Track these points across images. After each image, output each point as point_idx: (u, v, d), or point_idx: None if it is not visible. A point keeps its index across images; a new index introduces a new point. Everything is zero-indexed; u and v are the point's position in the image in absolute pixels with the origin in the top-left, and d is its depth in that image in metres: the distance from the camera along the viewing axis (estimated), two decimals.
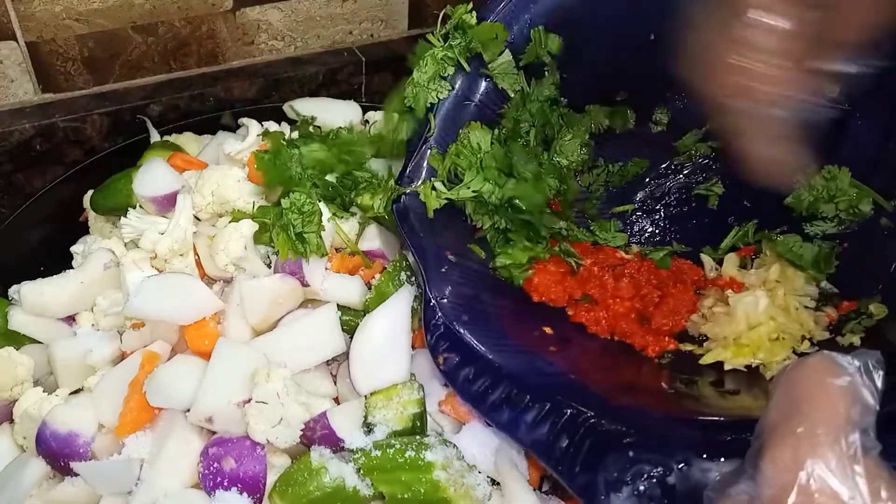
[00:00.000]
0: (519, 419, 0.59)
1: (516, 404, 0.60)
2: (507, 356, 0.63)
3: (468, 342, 0.63)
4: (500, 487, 0.63)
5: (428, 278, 0.66)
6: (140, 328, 0.70)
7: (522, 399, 0.60)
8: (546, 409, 0.59)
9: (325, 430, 0.63)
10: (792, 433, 0.40)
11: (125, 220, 0.78)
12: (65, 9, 0.87)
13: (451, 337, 0.64)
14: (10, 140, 0.89)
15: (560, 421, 0.58)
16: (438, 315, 0.64)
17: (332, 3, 1.04)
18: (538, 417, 0.58)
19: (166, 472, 0.62)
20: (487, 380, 0.61)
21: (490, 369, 0.62)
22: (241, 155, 0.79)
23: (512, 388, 0.61)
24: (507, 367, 0.62)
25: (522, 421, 0.59)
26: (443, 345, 0.64)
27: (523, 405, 0.59)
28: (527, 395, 0.60)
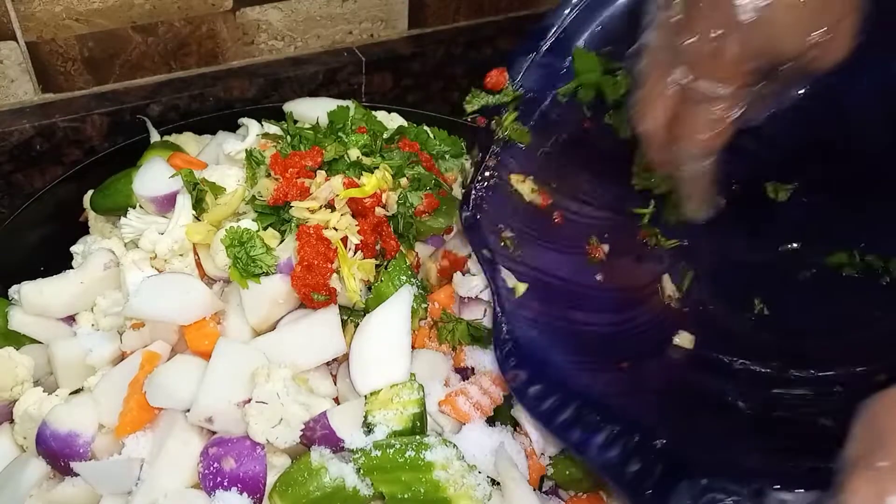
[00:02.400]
0: (589, 440, 0.57)
1: (587, 425, 0.58)
2: (578, 374, 0.62)
3: (539, 359, 0.62)
4: (500, 487, 0.63)
5: (498, 293, 0.65)
6: (140, 328, 0.70)
7: (593, 419, 0.58)
8: (617, 431, 0.57)
9: (325, 430, 0.63)
10: (874, 467, 0.39)
11: (125, 220, 0.78)
12: (65, 9, 0.87)
13: (520, 353, 0.62)
14: (10, 140, 0.89)
15: (631, 444, 0.56)
16: (507, 330, 0.63)
17: (332, 3, 1.03)
18: (609, 439, 0.57)
19: (166, 472, 0.62)
20: (557, 398, 0.60)
21: (560, 387, 0.60)
22: (240, 155, 0.79)
23: (582, 407, 0.59)
24: (578, 386, 0.60)
25: (593, 442, 0.57)
26: (512, 361, 0.62)
27: (594, 426, 0.58)
28: (597, 415, 0.58)
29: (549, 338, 0.65)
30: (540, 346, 0.63)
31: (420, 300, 0.72)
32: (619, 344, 0.68)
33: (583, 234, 0.75)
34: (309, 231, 0.69)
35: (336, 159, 0.75)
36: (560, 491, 0.68)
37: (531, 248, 0.71)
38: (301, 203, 0.71)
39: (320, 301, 0.68)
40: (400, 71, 1.10)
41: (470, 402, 0.67)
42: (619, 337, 0.69)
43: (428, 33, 1.13)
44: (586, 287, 0.72)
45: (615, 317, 0.71)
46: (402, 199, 0.75)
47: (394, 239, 0.74)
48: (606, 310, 0.71)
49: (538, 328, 0.65)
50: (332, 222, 0.70)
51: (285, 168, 0.73)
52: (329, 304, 0.70)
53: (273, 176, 0.74)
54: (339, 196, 0.71)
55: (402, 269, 0.72)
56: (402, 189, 0.75)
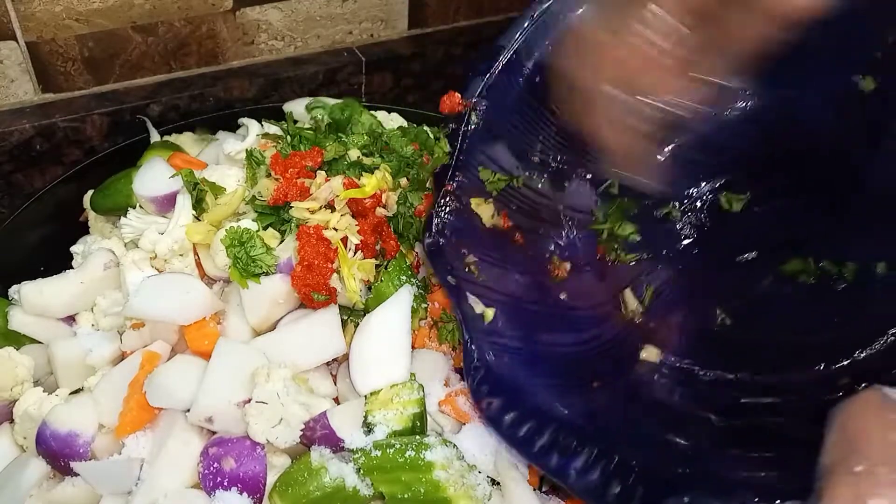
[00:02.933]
0: (568, 465, 0.57)
1: (564, 449, 0.58)
2: (551, 397, 0.61)
3: (511, 384, 0.61)
4: (500, 487, 0.63)
5: (465, 320, 0.64)
6: (140, 328, 0.70)
7: (570, 443, 0.58)
8: (595, 454, 0.57)
9: (325, 430, 0.63)
10: (851, 473, 0.39)
11: (125, 220, 0.78)
12: (65, 9, 0.87)
13: (492, 380, 0.62)
14: (10, 140, 0.89)
15: (610, 466, 0.56)
16: (478, 357, 0.62)
17: (332, 3, 1.03)
18: (588, 463, 0.56)
19: (166, 472, 0.62)
20: (533, 424, 0.59)
21: (535, 412, 0.60)
22: (240, 155, 0.79)
23: (559, 431, 0.58)
24: (552, 409, 0.60)
25: (572, 467, 0.57)
26: (484, 388, 0.61)
27: (572, 450, 0.57)
28: (574, 438, 0.58)
29: (520, 362, 0.64)
30: (512, 372, 0.62)
31: (420, 300, 0.72)
32: (588, 363, 0.68)
33: (544, 253, 0.75)
34: (309, 231, 0.69)
35: (336, 159, 0.75)
36: (560, 491, 0.68)
37: (495, 272, 0.70)
38: (301, 204, 0.71)
39: (320, 301, 0.68)
40: (400, 71, 1.10)
41: (470, 402, 0.67)
42: (588, 356, 0.69)
43: (428, 33, 1.13)
44: (552, 308, 0.72)
45: (582, 335, 0.70)
46: (402, 200, 0.75)
47: (394, 239, 0.74)
48: (573, 329, 0.71)
49: (508, 353, 0.64)
50: (332, 222, 0.70)
51: (285, 168, 0.73)
52: (329, 304, 0.70)
53: (273, 176, 0.74)
54: (339, 197, 0.71)
55: (402, 269, 0.72)
56: (402, 189, 0.75)
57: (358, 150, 0.76)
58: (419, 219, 0.76)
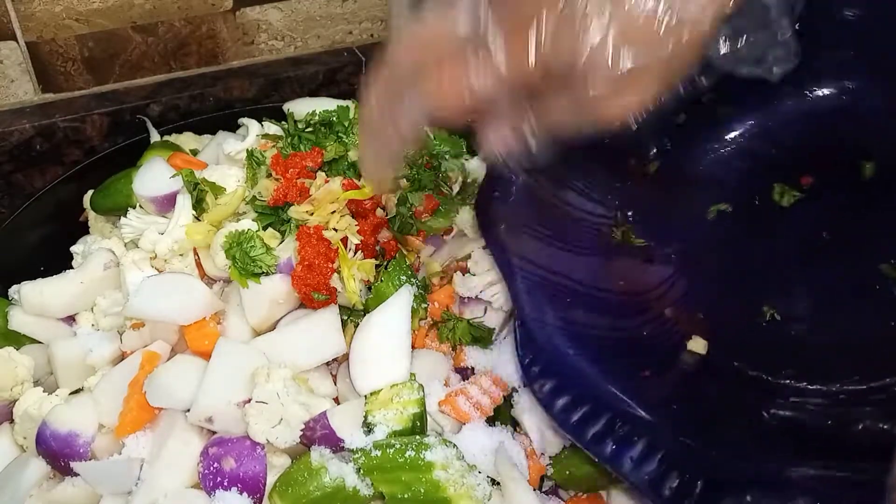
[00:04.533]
0: (623, 454, 0.54)
1: (620, 437, 0.55)
2: (603, 383, 0.59)
3: (563, 366, 0.59)
4: (500, 487, 0.63)
5: (516, 296, 0.62)
6: (140, 328, 0.70)
7: (626, 432, 0.55)
8: (651, 445, 0.54)
9: (325, 430, 0.63)
10: None
11: (125, 220, 0.78)
12: (65, 9, 0.87)
13: (544, 360, 0.59)
14: (10, 140, 0.89)
15: (668, 457, 0.54)
16: (530, 334, 0.60)
17: (332, 3, 1.04)
18: (644, 452, 0.54)
19: (166, 472, 0.62)
20: (587, 408, 0.57)
21: (590, 397, 0.57)
22: (240, 155, 0.79)
23: (614, 418, 0.56)
24: (605, 395, 0.58)
25: (627, 456, 0.54)
26: (536, 369, 0.59)
27: (627, 438, 0.55)
28: (629, 427, 0.56)
29: (571, 344, 0.62)
30: (562, 353, 0.60)
31: (420, 300, 0.72)
32: (637, 351, 0.66)
33: (592, 234, 0.73)
34: (309, 231, 0.69)
35: (336, 159, 0.75)
36: (560, 491, 0.68)
37: (546, 249, 0.68)
38: (300, 207, 0.71)
39: (320, 301, 0.68)
40: None
41: (470, 402, 0.67)
42: (636, 343, 0.67)
43: None
44: (600, 291, 0.70)
45: (629, 322, 0.68)
46: (402, 200, 0.75)
47: (394, 239, 0.74)
48: (621, 314, 0.69)
49: (558, 334, 0.62)
50: (331, 223, 0.70)
51: (286, 168, 0.73)
52: (329, 304, 0.70)
53: (274, 176, 0.74)
54: (338, 199, 0.71)
55: (402, 269, 0.72)
56: (402, 190, 0.75)
57: None
58: (419, 220, 0.76)
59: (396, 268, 0.72)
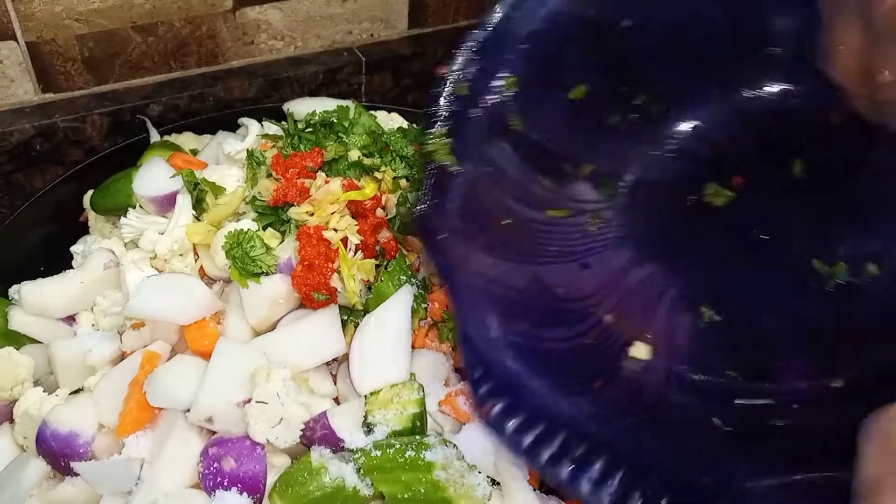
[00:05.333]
0: (581, 475, 0.52)
1: (577, 458, 0.53)
2: (555, 398, 0.57)
3: (514, 385, 0.56)
4: (500, 487, 0.63)
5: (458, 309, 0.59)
6: (140, 328, 0.70)
7: (582, 451, 0.53)
8: (610, 462, 0.52)
9: (325, 430, 0.63)
10: None
11: (125, 220, 0.78)
12: (65, 9, 0.87)
13: (494, 378, 0.56)
14: (10, 140, 0.89)
15: (629, 475, 0.51)
16: (477, 352, 0.57)
17: (332, 3, 1.04)
18: (603, 472, 0.52)
19: (166, 472, 0.62)
20: (541, 429, 0.54)
21: (543, 415, 0.55)
22: (240, 155, 0.79)
23: (570, 438, 0.54)
24: (558, 413, 0.55)
25: (586, 478, 0.52)
26: (484, 389, 0.56)
27: (585, 458, 0.52)
28: (585, 445, 0.53)
29: (518, 358, 0.59)
30: (512, 371, 0.57)
31: (420, 300, 0.72)
32: (584, 361, 0.64)
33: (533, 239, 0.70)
34: (309, 231, 0.69)
35: (336, 159, 0.75)
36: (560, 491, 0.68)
37: (486, 261, 0.65)
38: (300, 208, 0.71)
39: (320, 301, 0.68)
40: (400, 71, 1.10)
41: (470, 402, 0.67)
42: (582, 353, 0.65)
43: (428, 33, 1.13)
44: (541, 299, 0.67)
45: (572, 330, 0.66)
46: (402, 201, 0.75)
47: (394, 239, 0.74)
48: (563, 322, 0.66)
49: (505, 348, 0.59)
50: (331, 223, 0.70)
51: (286, 169, 0.73)
52: (329, 304, 0.70)
53: (274, 176, 0.74)
54: (338, 200, 0.71)
55: (402, 269, 0.72)
56: (402, 190, 0.75)
57: (358, 150, 0.76)
58: None
59: (396, 268, 0.72)
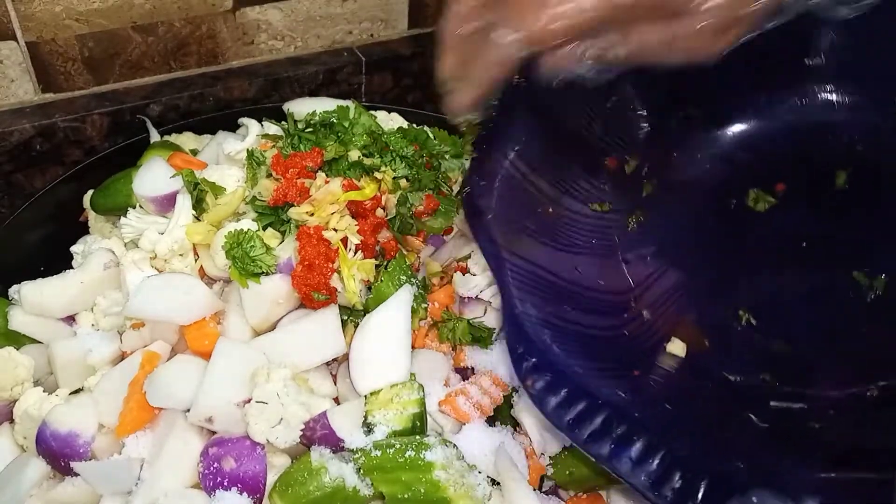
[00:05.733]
0: (622, 453, 0.53)
1: (618, 437, 0.53)
2: (597, 380, 0.58)
3: (557, 362, 0.57)
4: (500, 487, 0.63)
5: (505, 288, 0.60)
6: (140, 328, 0.70)
7: (624, 431, 0.54)
8: (651, 443, 0.53)
9: (325, 430, 0.64)
10: None
11: (125, 220, 0.78)
12: (65, 9, 0.87)
13: (537, 355, 0.57)
14: (10, 140, 0.89)
15: (669, 457, 0.52)
16: (522, 330, 0.58)
17: (332, 3, 1.04)
18: (643, 452, 0.53)
19: (166, 472, 0.62)
20: (582, 407, 0.55)
21: (585, 393, 0.55)
22: (240, 155, 0.79)
23: (611, 416, 0.55)
24: (601, 393, 0.56)
25: (626, 456, 0.53)
26: (528, 362, 0.57)
27: (626, 438, 0.53)
28: (626, 425, 0.54)
29: (561, 341, 0.60)
30: (553, 350, 0.58)
31: (420, 300, 0.72)
32: (622, 350, 0.65)
33: (575, 230, 0.72)
34: (309, 231, 0.69)
35: (336, 159, 0.75)
36: (560, 491, 0.68)
37: (531, 244, 0.67)
38: (300, 208, 0.71)
39: (321, 301, 0.68)
40: (400, 71, 1.10)
41: (470, 402, 0.67)
42: (620, 343, 0.66)
43: (428, 33, 1.13)
44: (582, 288, 0.69)
45: (610, 321, 0.68)
46: (402, 201, 0.75)
47: (394, 239, 0.74)
48: (602, 313, 0.68)
49: (550, 330, 0.60)
50: (331, 223, 0.70)
51: (286, 169, 0.73)
52: (329, 304, 0.70)
53: (274, 176, 0.74)
54: (338, 200, 0.71)
55: (402, 269, 0.72)
56: (402, 190, 0.75)
57: (358, 150, 0.76)
58: (419, 220, 0.76)
59: (396, 268, 0.72)
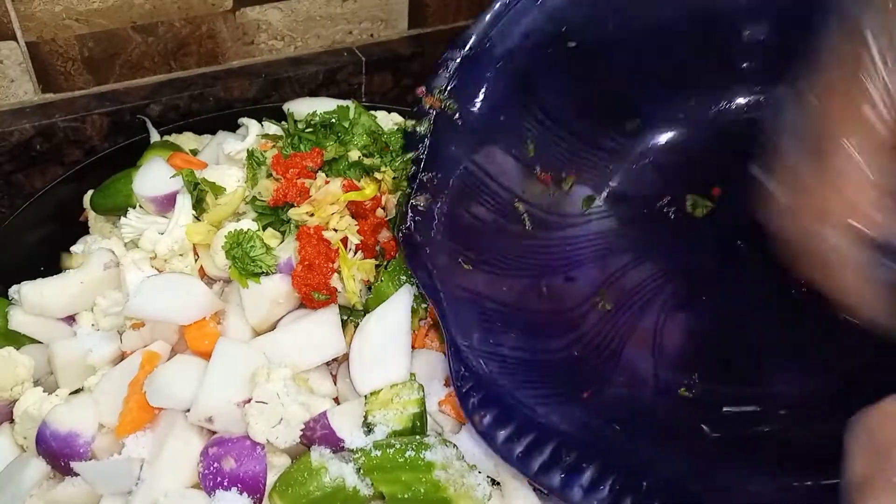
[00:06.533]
0: (573, 483, 0.53)
1: (568, 465, 0.53)
2: (544, 409, 0.58)
3: (503, 396, 0.57)
4: (500, 487, 0.63)
5: (446, 323, 0.60)
6: (140, 328, 0.70)
7: (573, 458, 0.54)
8: (601, 469, 0.53)
9: (325, 430, 0.64)
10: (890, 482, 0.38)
11: (125, 220, 0.78)
12: (65, 9, 0.87)
13: (484, 389, 0.57)
14: (10, 140, 0.89)
15: (620, 481, 0.52)
16: (466, 363, 0.58)
17: (332, 3, 1.04)
18: (594, 479, 0.52)
19: (166, 472, 0.62)
20: (531, 438, 0.55)
21: (534, 425, 0.56)
22: (240, 155, 0.79)
23: (561, 445, 0.54)
24: (548, 422, 0.56)
25: (577, 485, 0.52)
26: (474, 397, 0.57)
27: (576, 466, 0.53)
28: (575, 453, 0.54)
29: (508, 371, 0.60)
30: (500, 381, 0.58)
31: (420, 300, 0.72)
32: (574, 370, 0.65)
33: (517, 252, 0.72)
34: (309, 231, 0.69)
35: (336, 159, 0.75)
36: None
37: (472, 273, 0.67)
38: (300, 209, 0.71)
39: (321, 301, 0.68)
40: (400, 71, 1.10)
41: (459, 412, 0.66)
42: (569, 365, 0.65)
43: (428, 33, 1.13)
44: (526, 311, 0.68)
45: (558, 342, 0.67)
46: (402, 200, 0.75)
47: (394, 239, 0.74)
48: (549, 335, 0.67)
49: (492, 360, 0.60)
50: (332, 223, 0.70)
51: (286, 169, 0.73)
52: (329, 304, 0.70)
53: (274, 176, 0.74)
54: (338, 200, 0.71)
55: (402, 269, 0.72)
56: (402, 190, 0.75)
57: (358, 150, 0.76)
58: None
59: (396, 268, 0.72)
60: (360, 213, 0.72)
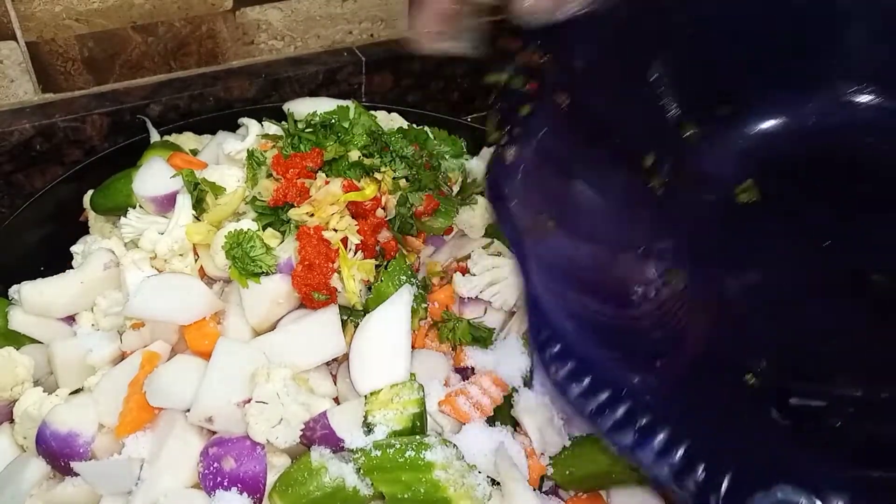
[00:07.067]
0: (646, 444, 0.52)
1: (642, 427, 0.53)
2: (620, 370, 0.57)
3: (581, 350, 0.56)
4: (500, 487, 0.63)
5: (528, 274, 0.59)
6: (140, 328, 0.70)
7: (647, 421, 0.53)
8: (674, 435, 0.52)
9: (325, 430, 0.64)
10: None
11: (125, 220, 0.78)
12: (65, 9, 0.87)
13: (561, 342, 0.56)
14: (10, 140, 0.89)
15: (692, 449, 0.51)
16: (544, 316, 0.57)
17: (332, 3, 1.03)
18: (667, 443, 0.52)
19: (166, 472, 0.62)
20: (606, 396, 0.54)
21: (608, 383, 0.55)
22: (240, 155, 0.79)
23: (635, 407, 0.54)
24: (625, 382, 0.55)
25: (649, 447, 0.52)
26: (552, 348, 0.56)
27: (649, 428, 0.52)
28: (650, 416, 0.53)
29: (584, 330, 0.59)
30: (577, 337, 0.57)
31: (420, 300, 0.72)
32: (646, 340, 0.64)
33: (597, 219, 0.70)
34: (309, 231, 0.69)
35: (336, 159, 0.75)
36: (560, 491, 0.68)
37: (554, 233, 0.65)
38: (300, 209, 0.71)
39: (321, 301, 0.68)
40: (400, 71, 1.10)
41: (470, 402, 0.67)
42: (644, 333, 0.65)
43: None
44: (607, 278, 0.68)
45: (631, 311, 0.66)
46: (402, 201, 0.75)
47: (394, 239, 0.74)
48: (623, 304, 0.67)
49: (571, 317, 0.59)
50: (332, 223, 0.70)
51: (286, 169, 0.73)
52: (329, 304, 0.70)
53: (274, 176, 0.74)
54: (338, 201, 0.71)
55: (402, 269, 0.72)
56: (402, 191, 0.75)
57: (358, 150, 0.76)
58: (419, 220, 0.76)
59: (396, 268, 0.72)
60: (360, 213, 0.72)
